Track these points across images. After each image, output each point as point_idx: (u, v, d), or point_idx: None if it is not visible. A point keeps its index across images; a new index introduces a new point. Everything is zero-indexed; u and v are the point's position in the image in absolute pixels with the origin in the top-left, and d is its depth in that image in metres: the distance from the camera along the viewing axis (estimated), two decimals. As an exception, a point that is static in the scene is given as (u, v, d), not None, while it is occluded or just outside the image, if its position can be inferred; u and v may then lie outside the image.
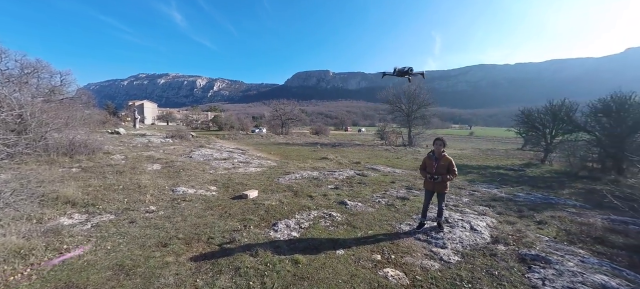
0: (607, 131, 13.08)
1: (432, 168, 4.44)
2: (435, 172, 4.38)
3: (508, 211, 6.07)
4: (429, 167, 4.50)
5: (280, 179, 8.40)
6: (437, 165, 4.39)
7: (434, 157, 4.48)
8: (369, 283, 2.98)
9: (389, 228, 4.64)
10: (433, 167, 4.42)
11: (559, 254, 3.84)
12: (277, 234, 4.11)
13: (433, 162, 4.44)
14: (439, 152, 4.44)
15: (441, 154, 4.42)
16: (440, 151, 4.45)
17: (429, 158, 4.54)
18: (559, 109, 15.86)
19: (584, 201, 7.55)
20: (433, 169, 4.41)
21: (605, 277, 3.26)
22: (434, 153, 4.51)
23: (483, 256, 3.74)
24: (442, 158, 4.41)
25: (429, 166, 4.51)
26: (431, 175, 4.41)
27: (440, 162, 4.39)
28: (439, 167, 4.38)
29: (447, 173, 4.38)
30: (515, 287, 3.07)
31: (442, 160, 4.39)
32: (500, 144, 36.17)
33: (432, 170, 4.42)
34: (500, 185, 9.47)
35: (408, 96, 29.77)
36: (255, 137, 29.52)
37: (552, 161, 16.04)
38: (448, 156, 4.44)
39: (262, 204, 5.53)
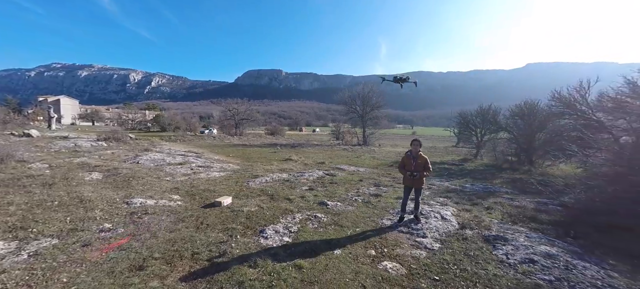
0: (521, 130, 16.02)
1: (411, 166, 4.82)
2: (414, 170, 4.77)
3: (462, 201, 6.96)
4: (408, 165, 4.88)
5: (250, 183, 7.99)
6: (415, 163, 4.80)
7: (412, 156, 4.87)
8: (373, 277, 3.10)
9: (373, 224, 4.86)
10: (412, 165, 4.80)
11: (510, 233, 4.59)
12: (268, 241, 3.92)
13: (412, 160, 4.83)
14: (417, 152, 4.85)
15: (418, 153, 4.84)
16: (418, 150, 4.87)
17: (407, 157, 4.92)
18: (486, 112, 18.86)
19: (512, 188, 9.09)
20: (412, 167, 4.80)
21: (546, 247, 4.03)
22: (411, 153, 4.91)
23: (457, 241, 4.24)
24: (419, 157, 4.83)
25: (408, 164, 4.88)
26: (411, 172, 4.79)
27: (417, 161, 4.81)
28: (417, 165, 4.79)
29: (424, 170, 4.81)
30: (488, 263, 3.57)
31: (419, 158, 4.82)
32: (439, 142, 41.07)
33: (411, 168, 4.80)
34: (449, 178, 10.75)
35: (362, 98, 31.47)
36: (206, 139, 27.35)
37: (482, 156, 18.97)
38: (423, 155, 4.88)
39: (241, 211, 5.19)
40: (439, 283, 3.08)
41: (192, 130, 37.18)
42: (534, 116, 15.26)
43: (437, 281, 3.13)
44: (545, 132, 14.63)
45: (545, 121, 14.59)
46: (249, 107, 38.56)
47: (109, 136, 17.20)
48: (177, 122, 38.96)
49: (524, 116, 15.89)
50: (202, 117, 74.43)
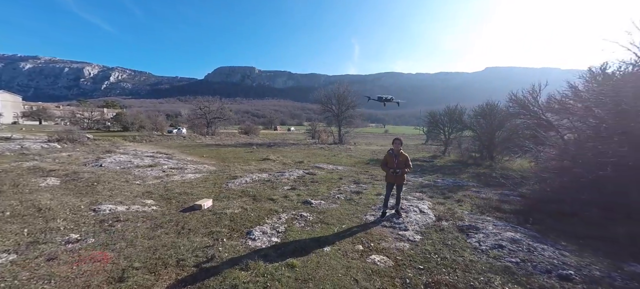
0: (483, 129, 17.45)
1: (393, 163, 5.06)
2: (397, 167, 5.02)
3: (436, 195, 7.45)
4: (390, 163, 5.11)
5: (229, 184, 7.76)
6: (397, 161, 5.04)
7: (394, 154, 5.11)
8: (363, 271, 3.23)
9: (357, 220, 5.02)
10: (394, 163, 5.04)
11: (480, 223, 5.03)
12: (257, 242, 3.87)
13: (394, 158, 5.07)
14: (398, 150, 5.10)
15: (399, 152, 5.10)
16: (399, 149, 5.12)
17: (389, 155, 5.16)
18: (453, 112, 20.24)
19: (477, 182, 9.90)
20: (394, 164, 5.04)
21: (511, 233, 4.50)
22: (393, 151, 5.15)
23: (435, 232, 4.55)
24: (400, 155, 5.08)
25: (390, 162, 5.12)
26: (394, 169, 5.02)
27: (399, 158, 5.06)
28: (399, 163, 5.04)
29: (405, 167, 5.08)
30: (464, 250, 3.90)
31: (401, 156, 5.08)
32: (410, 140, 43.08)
33: (394, 165, 5.04)
34: (422, 174, 11.37)
35: (338, 97, 31.94)
36: (175, 139, 25.84)
37: (449, 153, 20.34)
38: (404, 153, 5.15)
39: (224, 214, 5.04)
40: (423, 272, 3.30)
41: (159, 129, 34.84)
42: (494, 116, 16.72)
43: (422, 269, 3.35)
44: (503, 131, 16.12)
45: (504, 121, 16.07)
46: (222, 105, 37.15)
47: (62, 137, 15.50)
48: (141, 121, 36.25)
49: (485, 115, 17.34)
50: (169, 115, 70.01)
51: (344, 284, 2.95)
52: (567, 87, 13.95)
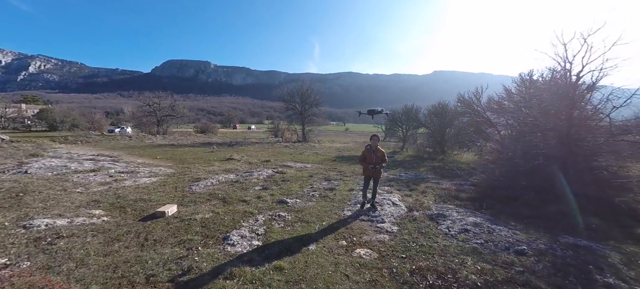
0: (435, 126, 19.15)
1: (371, 159, 5.23)
2: (374, 162, 5.20)
3: (402, 188, 7.93)
4: (368, 158, 5.28)
5: (193, 187, 7.12)
6: (375, 156, 5.24)
7: (372, 150, 5.29)
8: (351, 266, 3.26)
9: (336, 216, 5.06)
10: (372, 158, 5.22)
11: (445, 211, 5.50)
12: (237, 247, 3.61)
13: (372, 154, 5.25)
14: (376, 146, 5.29)
15: (376, 147, 5.29)
16: (376, 144, 5.31)
17: (368, 151, 5.33)
18: (410, 111, 21.83)
19: (434, 174, 10.81)
20: (373, 160, 5.22)
21: (473, 218, 5.02)
22: (371, 146, 5.32)
23: (409, 222, 4.84)
24: (377, 150, 5.28)
25: (368, 157, 5.29)
26: (373, 164, 5.21)
27: (377, 154, 5.26)
28: (376, 158, 5.24)
29: (382, 161, 5.30)
30: (437, 236, 4.23)
31: (378, 152, 5.28)
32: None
33: (372, 160, 5.22)
34: (386, 169, 11.98)
35: (301, 95, 31.83)
36: (119, 140, 22.83)
37: (407, 149, 21.89)
38: (381, 149, 5.37)
39: (193, 220, 4.60)
40: (406, 260, 3.48)
41: (97, 129, 30.40)
42: (445, 115, 18.49)
43: (404, 258, 3.53)
44: (453, 128, 17.95)
45: (453, 119, 17.89)
46: (174, 102, 34.02)
47: (-38, 139, 12.46)
48: (73, 119, 31.20)
49: (438, 114, 19.05)
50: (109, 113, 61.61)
51: (335, 280, 2.94)
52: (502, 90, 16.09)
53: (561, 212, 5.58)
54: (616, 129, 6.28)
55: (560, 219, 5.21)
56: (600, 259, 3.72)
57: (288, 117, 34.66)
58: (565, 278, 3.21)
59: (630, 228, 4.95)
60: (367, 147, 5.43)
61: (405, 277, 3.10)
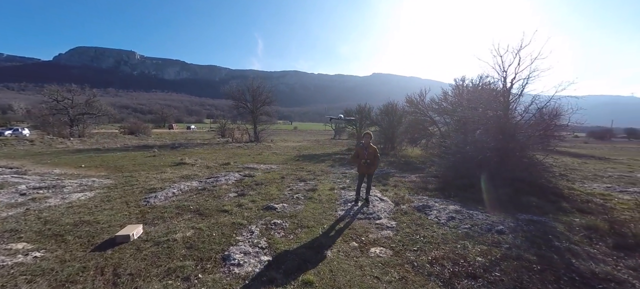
0: (386, 124, 20.69)
1: (364, 155, 5.30)
2: (367, 158, 5.28)
3: (377, 183, 8.26)
4: (361, 155, 5.35)
5: (150, 199, 5.96)
6: (367, 153, 5.32)
7: (364, 147, 5.38)
8: (375, 266, 3.23)
9: (332, 218, 4.93)
10: (364, 155, 5.30)
11: (425, 202, 5.95)
12: (246, 267, 3.13)
13: (364, 151, 5.33)
14: (368, 143, 5.38)
15: (369, 144, 5.39)
16: (369, 142, 5.41)
17: (360, 148, 5.43)
18: (363, 109, 23.07)
19: (395, 168, 11.64)
20: (365, 156, 5.29)
21: (453, 206, 5.55)
22: (363, 144, 5.42)
23: (402, 215, 5.08)
24: (370, 147, 5.38)
25: (361, 154, 5.37)
26: (365, 161, 5.27)
27: (369, 151, 5.35)
28: (368, 155, 5.32)
29: (375, 159, 5.41)
30: (432, 226, 4.56)
31: (370, 149, 5.38)
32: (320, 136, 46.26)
33: (364, 157, 5.29)
34: (349, 167, 12.35)
35: (252, 92, 30.25)
36: (16, 145, 17.63)
37: (360, 145, 23.12)
38: (373, 145, 5.48)
39: (172, 241, 3.82)
40: (419, 252, 3.61)
41: (-29, 132, 22.85)
42: (395, 114, 20.15)
43: (417, 251, 3.66)
44: (402, 125, 19.70)
45: (401, 117, 19.64)
46: (93, 97, 28.14)
47: None
48: None
49: (388, 113, 20.64)
50: (-14, 111, 47.09)
51: (369, 284, 2.84)
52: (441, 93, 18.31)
53: (507, 194, 6.67)
54: (538, 127, 7.84)
55: (509, 200, 6.21)
56: (551, 230, 4.55)
57: (238, 115, 32.58)
58: (539, 248, 3.82)
59: (557, 202, 6.22)
60: (360, 145, 5.53)
61: (428, 269, 3.21)
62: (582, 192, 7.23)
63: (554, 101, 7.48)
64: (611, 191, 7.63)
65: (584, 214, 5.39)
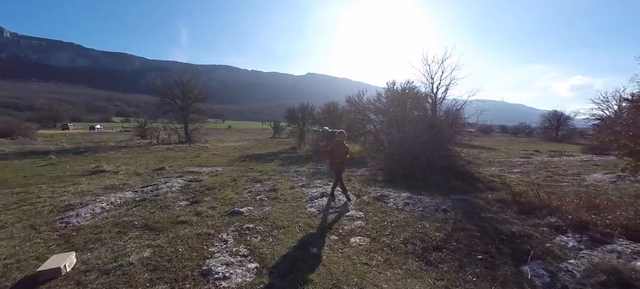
0: (328, 122, 21.63)
1: (339, 154, 5.52)
2: (342, 157, 5.62)
3: (330, 179, 8.62)
4: (336, 153, 5.53)
5: (69, 219, 4.73)
6: (342, 150, 5.56)
7: (338, 145, 5.69)
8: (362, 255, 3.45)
9: (305, 215, 4.96)
10: (340, 153, 5.52)
11: (380, 192, 6.59)
12: (236, 278, 2.85)
13: (339, 149, 5.53)
14: (342, 141, 5.65)
15: (342, 143, 5.65)
16: (342, 140, 5.69)
17: (335, 146, 5.63)
18: (305, 108, 23.43)
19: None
20: (340, 154, 5.53)
21: (404, 194, 6.32)
22: (338, 142, 5.72)
23: (366, 205, 5.54)
24: (343, 146, 5.64)
25: (336, 152, 5.54)
26: (340, 159, 5.48)
27: (343, 149, 5.61)
28: (343, 152, 5.62)
29: (346, 155, 5.73)
30: (393, 212, 5.14)
31: (343, 147, 5.65)
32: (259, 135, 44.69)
33: (340, 155, 5.52)
34: (299, 164, 12.52)
35: (182, 87, 26.88)
36: None
37: (304, 144, 23.47)
38: (346, 144, 5.78)
39: (128, 266, 3.17)
40: (391, 236, 4.05)
41: None
42: (336, 112, 21.25)
43: (389, 235, 4.09)
44: (343, 123, 20.93)
45: (342, 116, 20.87)
46: None
47: None
48: None
49: (330, 112, 21.61)
50: None
51: (363, 271, 3.05)
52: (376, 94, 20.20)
53: (439, 180, 8.01)
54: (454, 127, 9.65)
55: (442, 185, 7.48)
56: (476, 205, 5.73)
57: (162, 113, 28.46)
58: (472, 219, 4.79)
59: (473, 184, 7.81)
60: (335, 143, 5.70)
61: (403, 248, 3.64)
62: (486, 175, 9.27)
63: (468, 104, 9.30)
64: (503, 172, 10.02)
65: (492, 191, 6.95)
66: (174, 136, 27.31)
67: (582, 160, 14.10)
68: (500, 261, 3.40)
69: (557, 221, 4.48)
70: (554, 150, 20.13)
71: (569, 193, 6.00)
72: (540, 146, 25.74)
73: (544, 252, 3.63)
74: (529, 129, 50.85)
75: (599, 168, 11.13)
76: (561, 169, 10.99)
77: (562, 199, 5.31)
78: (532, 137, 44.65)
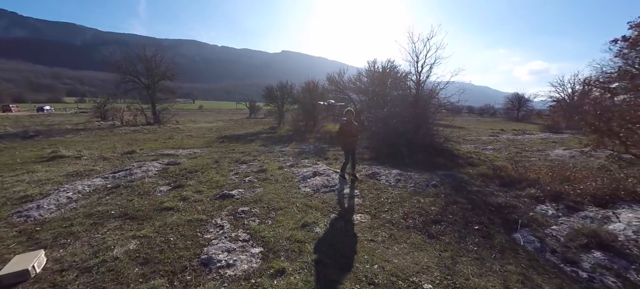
0: (308, 101, 21.21)
1: (350, 133, 5.49)
2: (353, 135, 5.58)
3: (321, 158, 8.54)
4: (347, 132, 5.47)
5: (29, 212, 4.11)
6: (353, 129, 5.56)
7: (349, 124, 5.60)
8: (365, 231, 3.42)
9: (300, 195, 4.83)
10: (351, 132, 5.50)
11: (372, 170, 6.63)
12: (239, 266, 2.67)
13: (350, 128, 5.44)
14: (350, 120, 5.58)
15: (351, 121, 5.57)
16: (351, 119, 5.65)
17: (346, 125, 5.53)
18: (284, 87, 22.64)
19: (327, 144, 12.28)
20: (351, 134, 5.51)
21: (395, 170, 6.41)
22: (348, 121, 5.59)
23: (361, 183, 5.54)
24: (352, 124, 5.64)
25: (348, 131, 5.48)
26: (353, 138, 5.45)
27: (353, 128, 5.64)
28: (354, 131, 5.63)
29: (357, 134, 5.78)
30: (388, 189, 5.21)
31: (353, 126, 5.67)
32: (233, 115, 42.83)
33: (352, 134, 5.51)
34: (283, 145, 12.23)
35: (146, 63, 24.39)
36: None
37: (283, 124, 22.93)
38: (355, 122, 5.81)
39: (113, 261, 2.82)
40: (390, 211, 4.11)
41: None
42: (316, 91, 20.83)
43: (388, 210, 4.14)
44: (324, 103, 20.63)
45: (323, 95, 20.53)
46: None
47: None
48: None
49: (309, 91, 21.12)
50: None
51: (370, 247, 3.02)
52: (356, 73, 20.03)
53: (424, 157, 8.27)
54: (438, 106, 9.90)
55: (427, 162, 7.74)
56: (461, 180, 6.00)
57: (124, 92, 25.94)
58: (461, 193, 5.02)
59: (454, 160, 8.19)
60: (344, 121, 5.58)
61: (404, 223, 3.70)
62: (464, 152, 9.77)
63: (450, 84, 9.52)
64: (478, 149, 10.64)
65: (472, 166, 7.33)
66: (141, 117, 25.15)
67: (541, 138, 15.47)
68: (494, 231, 3.59)
69: (536, 192, 4.83)
70: (517, 129, 21.88)
71: (542, 167, 6.51)
72: (504, 125, 27.81)
73: (529, 220, 3.90)
74: (493, 110, 54.61)
75: (557, 144, 12.29)
76: (527, 145, 11.96)
77: (538, 173, 5.74)
78: (496, 118, 48.11)
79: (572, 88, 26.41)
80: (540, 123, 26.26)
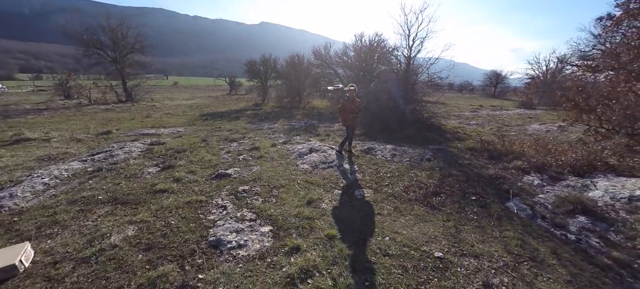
0: (293, 76, 20.57)
1: (352, 109, 5.38)
2: (355, 111, 5.46)
3: (312, 135, 8.44)
4: (349, 108, 5.36)
5: (1, 201, 3.72)
6: (354, 106, 5.41)
7: (350, 100, 5.42)
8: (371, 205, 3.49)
9: (300, 173, 4.77)
10: (353, 108, 5.38)
11: (366, 145, 6.67)
12: (251, 246, 2.61)
13: (351, 104, 5.31)
14: (353, 96, 5.40)
15: (354, 98, 5.42)
16: (353, 95, 5.47)
17: (347, 101, 5.39)
18: (268, 61, 21.66)
19: (316, 120, 12.14)
20: (353, 110, 5.40)
21: (389, 146, 6.48)
22: (349, 97, 5.43)
23: (358, 159, 5.60)
24: (355, 100, 5.48)
25: (349, 108, 5.36)
26: (354, 114, 5.36)
27: (356, 104, 5.48)
28: (356, 107, 5.48)
29: (359, 111, 5.59)
30: (384, 164, 5.28)
31: (356, 102, 5.52)
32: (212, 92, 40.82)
33: (353, 110, 5.39)
34: (271, 122, 11.92)
35: (111, 34, 22.00)
36: None
37: (268, 100, 22.24)
38: (358, 99, 5.63)
39: (112, 249, 2.64)
40: (391, 185, 4.21)
41: None
42: (301, 67, 20.16)
43: (389, 185, 4.23)
44: (309, 79, 20.09)
45: (309, 70, 19.94)
46: None
47: None
48: None
49: (294, 66, 20.40)
50: None
51: (378, 221, 3.09)
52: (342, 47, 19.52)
53: (414, 132, 8.44)
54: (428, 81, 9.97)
55: (416, 137, 7.90)
56: (452, 153, 6.22)
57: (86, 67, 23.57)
58: (454, 166, 5.22)
59: (443, 135, 8.44)
60: (346, 98, 5.41)
61: (405, 196, 3.81)
62: (450, 127, 10.08)
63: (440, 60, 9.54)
64: (463, 124, 11.02)
65: (460, 140, 7.61)
66: (111, 95, 23.17)
67: (518, 113, 16.31)
68: (490, 200, 3.79)
69: (522, 163, 5.13)
70: (495, 105, 22.87)
71: (525, 141, 6.88)
72: (482, 101, 28.95)
73: (519, 190, 4.15)
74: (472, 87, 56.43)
75: (533, 120, 13.04)
76: (506, 121, 12.57)
77: (522, 146, 6.07)
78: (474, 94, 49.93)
79: (546, 66, 27.71)
80: (515, 100, 27.62)
